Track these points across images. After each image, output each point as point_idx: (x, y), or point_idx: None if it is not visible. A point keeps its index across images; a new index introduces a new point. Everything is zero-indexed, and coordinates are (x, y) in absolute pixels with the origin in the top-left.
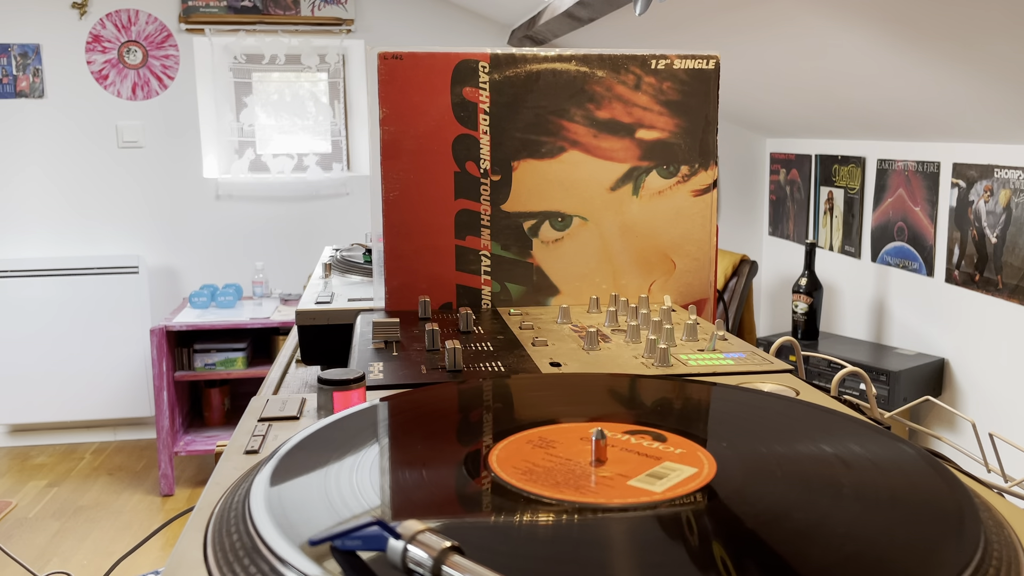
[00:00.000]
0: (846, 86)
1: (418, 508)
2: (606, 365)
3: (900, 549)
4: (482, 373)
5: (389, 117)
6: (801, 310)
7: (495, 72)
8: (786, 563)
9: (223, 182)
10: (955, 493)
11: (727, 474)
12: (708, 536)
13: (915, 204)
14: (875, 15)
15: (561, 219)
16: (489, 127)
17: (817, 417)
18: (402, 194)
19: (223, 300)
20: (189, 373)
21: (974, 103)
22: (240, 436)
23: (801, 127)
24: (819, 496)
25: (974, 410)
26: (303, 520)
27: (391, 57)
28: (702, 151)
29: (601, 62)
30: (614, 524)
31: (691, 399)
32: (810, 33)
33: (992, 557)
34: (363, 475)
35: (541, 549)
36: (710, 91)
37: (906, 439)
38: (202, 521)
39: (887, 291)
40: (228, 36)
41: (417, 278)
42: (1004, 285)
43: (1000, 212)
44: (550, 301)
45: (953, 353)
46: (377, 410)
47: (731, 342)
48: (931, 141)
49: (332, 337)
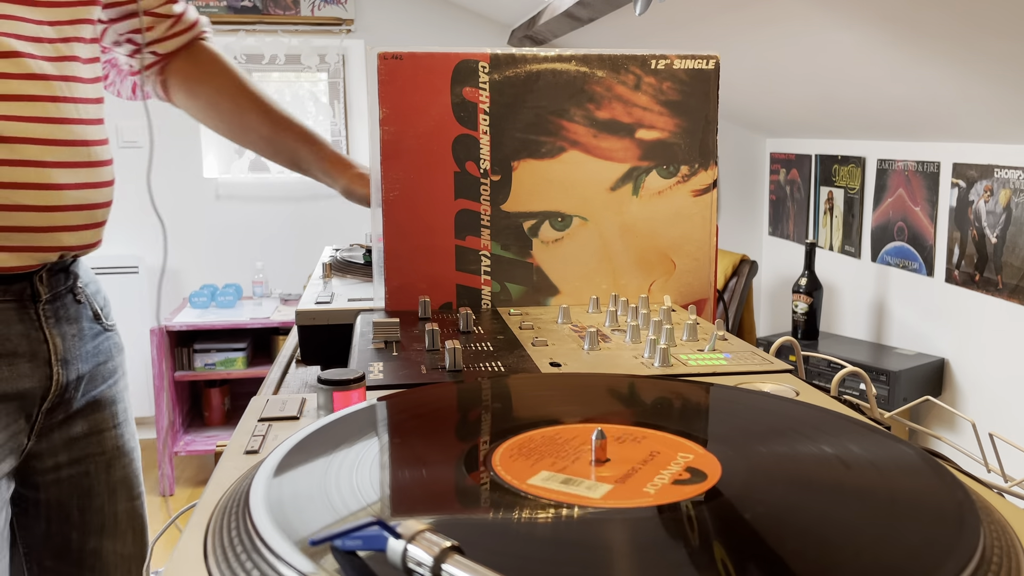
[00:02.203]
0: (846, 86)
1: (418, 507)
2: (606, 365)
3: (900, 549)
4: (482, 373)
5: (389, 117)
6: (801, 310)
7: (495, 72)
8: (786, 563)
9: (223, 182)
10: (955, 493)
11: (727, 474)
12: (709, 537)
13: (915, 204)
14: (875, 15)
15: (561, 219)
16: (489, 127)
17: (817, 417)
18: (402, 194)
19: (223, 300)
20: (189, 373)
21: (974, 103)
22: (240, 436)
23: (801, 127)
24: (819, 496)
25: (974, 410)
26: (303, 520)
27: (391, 57)
28: (702, 151)
29: (601, 62)
30: (614, 525)
31: (691, 399)
32: (810, 33)
33: (992, 557)
34: (363, 474)
35: (541, 549)
36: (710, 91)
37: (906, 439)
38: (202, 521)
39: (887, 291)
40: (228, 36)
41: (417, 278)
42: (1004, 285)
43: (1000, 212)
44: (550, 301)
45: (953, 353)
46: (376, 410)
47: (731, 342)
48: (931, 141)
49: (332, 337)
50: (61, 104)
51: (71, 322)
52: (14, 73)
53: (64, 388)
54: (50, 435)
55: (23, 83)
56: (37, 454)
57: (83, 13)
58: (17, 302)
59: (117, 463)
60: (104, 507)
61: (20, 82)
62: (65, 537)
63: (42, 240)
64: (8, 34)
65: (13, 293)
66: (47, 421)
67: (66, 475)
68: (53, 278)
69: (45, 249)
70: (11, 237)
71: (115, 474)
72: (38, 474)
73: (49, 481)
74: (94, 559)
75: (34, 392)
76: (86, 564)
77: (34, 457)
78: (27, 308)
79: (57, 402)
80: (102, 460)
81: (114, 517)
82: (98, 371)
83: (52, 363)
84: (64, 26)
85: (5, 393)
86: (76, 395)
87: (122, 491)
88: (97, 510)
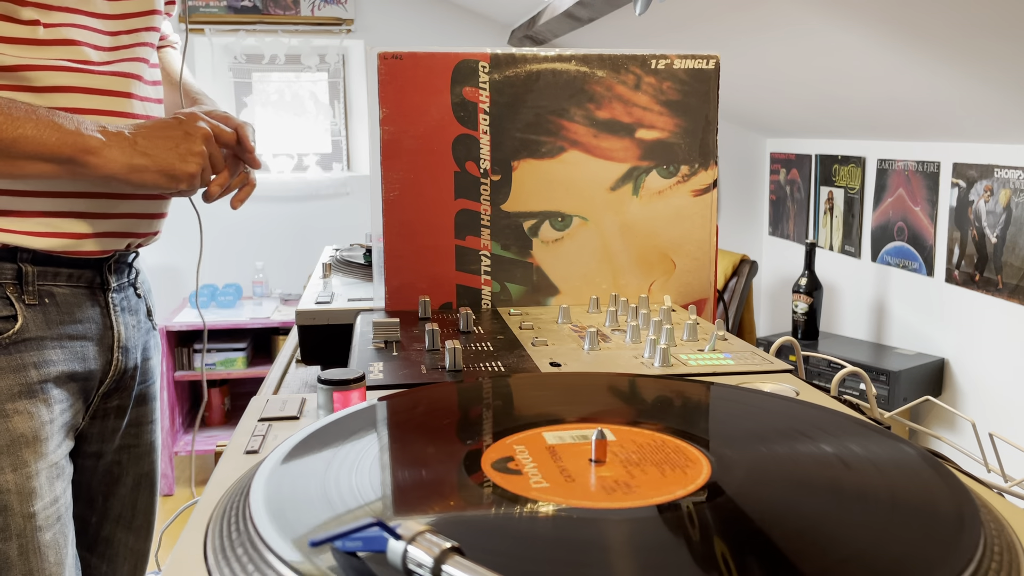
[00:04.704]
0: (846, 86)
1: (418, 508)
2: (606, 365)
3: (900, 549)
4: (482, 373)
5: (389, 117)
6: (801, 310)
7: (495, 72)
8: (786, 563)
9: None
10: (955, 493)
11: (727, 474)
12: (708, 536)
13: (915, 204)
14: (875, 15)
15: (561, 219)
16: (489, 127)
17: (817, 417)
18: (402, 194)
19: (223, 300)
20: (189, 373)
21: (974, 103)
22: (240, 436)
23: (801, 127)
24: (819, 496)
25: (974, 410)
26: (303, 520)
27: (391, 57)
28: (702, 151)
29: (601, 62)
30: (613, 525)
31: (691, 399)
32: (810, 33)
33: (992, 557)
34: (363, 475)
35: (541, 549)
36: (710, 91)
37: (906, 439)
38: (202, 521)
39: (887, 291)
40: (228, 36)
41: (417, 278)
42: (1004, 285)
43: (1000, 212)
44: (550, 301)
45: (953, 353)
46: (376, 410)
47: (731, 342)
48: (931, 141)
49: (332, 337)
50: (135, 101)
51: (132, 313)
52: (83, 68)
53: (122, 374)
54: (104, 420)
55: (93, 78)
56: (87, 436)
57: (148, 22)
58: (89, 289)
59: (147, 458)
60: (126, 497)
61: (91, 76)
62: (85, 520)
63: (117, 226)
64: (82, 42)
65: (86, 280)
66: (102, 404)
67: (104, 463)
68: (119, 270)
69: (119, 235)
70: (95, 223)
71: (143, 468)
72: (80, 456)
73: (88, 465)
74: (105, 546)
75: (95, 375)
76: (97, 550)
77: (83, 439)
78: (97, 295)
79: (114, 387)
80: (135, 452)
81: (133, 509)
82: (147, 366)
83: (114, 348)
84: (132, 34)
85: (75, 372)
86: (133, 384)
87: (145, 485)
88: (120, 499)
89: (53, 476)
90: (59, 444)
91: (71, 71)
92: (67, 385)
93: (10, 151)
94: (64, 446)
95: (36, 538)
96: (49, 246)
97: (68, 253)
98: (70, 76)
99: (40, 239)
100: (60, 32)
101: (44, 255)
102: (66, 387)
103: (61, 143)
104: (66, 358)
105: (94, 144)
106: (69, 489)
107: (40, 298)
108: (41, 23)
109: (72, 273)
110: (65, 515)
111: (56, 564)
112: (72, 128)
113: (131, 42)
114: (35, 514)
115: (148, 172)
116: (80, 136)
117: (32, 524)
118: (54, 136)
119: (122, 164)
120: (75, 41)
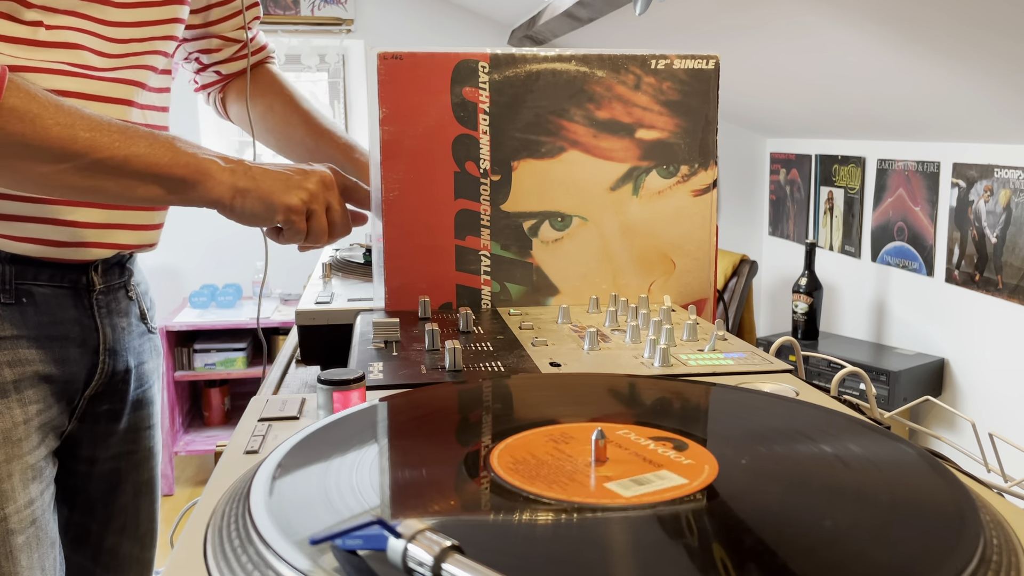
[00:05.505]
0: (846, 86)
1: (418, 507)
2: (606, 365)
3: (900, 549)
4: (482, 373)
5: (389, 117)
6: (801, 310)
7: (495, 72)
8: (786, 563)
9: None
10: (955, 493)
11: (727, 474)
12: (708, 536)
13: (915, 204)
14: (875, 15)
15: (561, 219)
16: (489, 127)
17: (817, 417)
18: (402, 194)
19: (223, 300)
20: (189, 373)
21: (974, 103)
22: (240, 436)
23: (801, 127)
24: (819, 496)
25: (974, 410)
26: (303, 520)
27: (391, 57)
28: (702, 151)
29: (601, 62)
30: (613, 524)
31: (691, 399)
32: (810, 33)
33: (992, 557)
34: (363, 474)
35: (541, 548)
36: (710, 91)
37: (906, 439)
38: (202, 521)
39: (887, 291)
40: None
41: (417, 278)
42: (1004, 285)
43: (1000, 212)
44: (550, 301)
45: (953, 353)
46: (376, 410)
47: (731, 342)
48: (931, 141)
49: (332, 337)
50: (134, 109)
51: (122, 315)
52: (82, 73)
53: (111, 377)
54: (94, 424)
55: (92, 83)
56: (78, 440)
57: (168, 31)
58: (72, 289)
59: (146, 464)
60: (128, 506)
61: (90, 82)
62: (85, 529)
63: (100, 237)
64: (85, 47)
65: (69, 281)
66: (91, 408)
67: (99, 469)
68: (108, 271)
69: (102, 246)
70: (73, 232)
71: (143, 475)
72: (73, 461)
73: (82, 471)
74: (109, 557)
75: (78, 377)
76: (100, 560)
77: (74, 443)
78: (81, 296)
79: (102, 391)
80: (133, 459)
81: (136, 517)
82: (141, 370)
83: (100, 351)
84: (146, 42)
85: (49, 375)
86: (127, 388)
87: (146, 492)
88: (121, 508)
89: (28, 478)
90: (37, 445)
91: (69, 75)
92: (44, 385)
93: (123, 169)
94: (44, 447)
95: (8, 541)
96: (26, 251)
97: (46, 259)
98: (68, 80)
99: (16, 243)
100: (62, 35)
101: (22, 256)
102: (43, 387)
103: (174, 163)
104: (43, 358)
105: (210, 167)
106: (49, 491)
107: (17, 297)
108: (44, 24)
109: (54, 273)
110: (42, 518)
111: (28, 568)
112: (189, 151)
113: (142, 50)
114: (7, 517)
115: (249, 196)
116: (196, 158)
117: (4, 527)
118: (167, 156)
119: (229, 186)
120: (77, 45)
